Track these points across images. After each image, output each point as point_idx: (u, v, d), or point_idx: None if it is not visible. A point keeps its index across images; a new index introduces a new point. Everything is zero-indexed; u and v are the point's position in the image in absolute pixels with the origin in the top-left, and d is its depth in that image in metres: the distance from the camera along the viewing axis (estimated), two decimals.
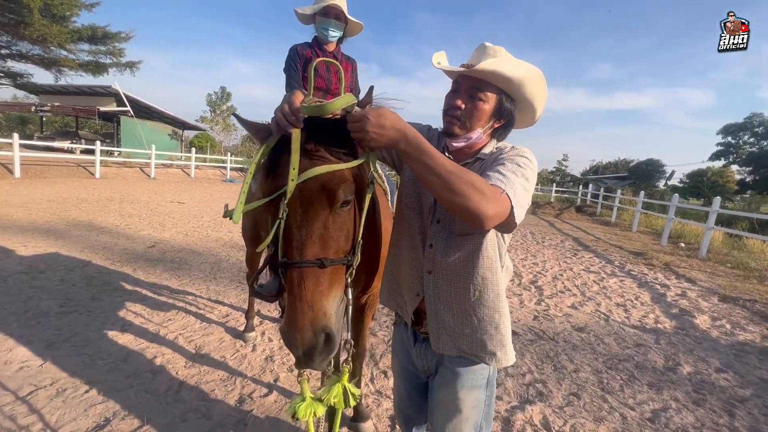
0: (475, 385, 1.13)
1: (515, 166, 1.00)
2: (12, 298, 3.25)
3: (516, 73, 1.04)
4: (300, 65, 2.31)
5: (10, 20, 14.92)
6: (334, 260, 0.94)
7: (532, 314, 3.94)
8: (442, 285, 1.12)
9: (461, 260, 1.08)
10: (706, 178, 31.18)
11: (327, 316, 0.89)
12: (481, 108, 1.08)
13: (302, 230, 0.92)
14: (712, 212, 7.86)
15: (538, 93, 1.12)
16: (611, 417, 2.31)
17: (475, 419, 1.14)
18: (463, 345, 1.12)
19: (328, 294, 0.92)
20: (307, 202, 0.92)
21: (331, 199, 0.93)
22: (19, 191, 8.94)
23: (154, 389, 2.23)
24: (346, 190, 0.95)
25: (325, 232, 0.94)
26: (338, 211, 0.96)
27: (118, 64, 19.62)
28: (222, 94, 36.44)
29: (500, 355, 1.11)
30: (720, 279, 6.01)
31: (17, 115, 34.82)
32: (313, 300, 0.88)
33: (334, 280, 0.94)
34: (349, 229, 1.00)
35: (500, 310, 1.10)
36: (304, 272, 0.90)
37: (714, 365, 3.09)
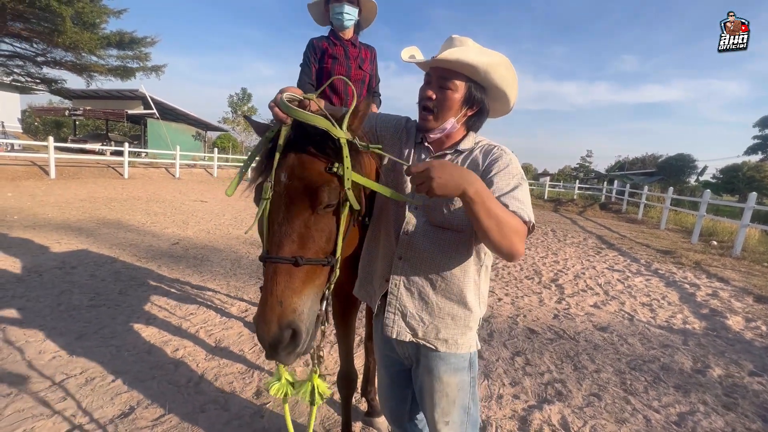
0: (458, 368, 1.15)
1: (520, 179, 1.06)
2: (47, 292, 3.43)
3: (480, 60, 1.07)
4: (315, 59, 2.29)
5: (44, 29, 15.68)
6: (311, 260, 0.93)
7: (552, 313, 3.85)
8: (410, 271, 1.14)
9: (433, 249, 1.11)
10: (741, 173, 29.59)
11: (295, 313, 0.89)
12: (450, 97, 1.11)
13: (282, 227, 0.93)
14: (747, 209, 7.46)
15: (506, 79, 1.13)
16: (634, 419, 2.23)
17: (463, 401, 1.17)
18: (417, 331, 1.14)
19: (300, 292, 0.91)
20: (290, 199, 0.94)
21: (314, 200, 0.94)
22: (54, 191, 9.40)
23: (176, 380, 2.31)
24: (331, 192, 0.95)
25: (306, 232, 0.94)
26: (321, 213, 0.96)
27: (145, 68, 20.30)
28: (243, 96, 37.27)
29: (452, 343, 1.13)
30: (756, 279, 5.70)
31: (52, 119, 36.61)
32: (283, 296, 0.88)
33: (309, 280, 0.93)
34: (331, 231, 0.99)
35: (464, 302, 1.12)
36: (278, 267, 0.90)
37: (747, 368, 2.94)
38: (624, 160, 41.36)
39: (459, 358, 1.15)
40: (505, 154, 1.11)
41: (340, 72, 2.28)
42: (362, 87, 2.39)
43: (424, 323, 1.13)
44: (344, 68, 2.28)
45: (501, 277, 5.04)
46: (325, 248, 0.98)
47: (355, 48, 2.33)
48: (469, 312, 1.13)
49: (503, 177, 1.05)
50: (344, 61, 2.28)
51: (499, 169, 1.07)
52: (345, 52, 2.28)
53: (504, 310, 3.84)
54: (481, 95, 1.15)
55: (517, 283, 4.82)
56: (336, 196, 0.96)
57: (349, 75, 2.30)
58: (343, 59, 2.28)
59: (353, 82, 2.33)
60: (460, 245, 1.10)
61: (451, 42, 1.14)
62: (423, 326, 1.13)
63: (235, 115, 37.03)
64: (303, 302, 0.92)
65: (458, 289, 1.12)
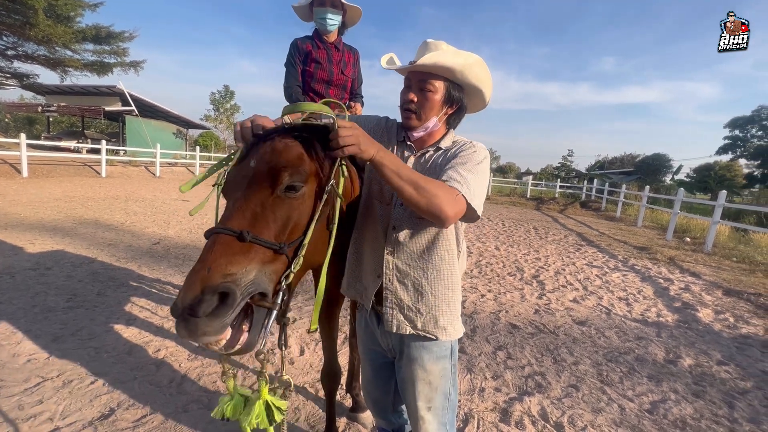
0: (441, 355, 1.22)
1: (472, 164, 1.11)
2: (20, 294, 3.31)
3: (456, 62, 1.13)
4: (300, 59, 2.30)
5: (15, 21, 15.06)
6: (259, 239, 0.86)
7: (533, 308, 3.94)
8: (401, 265, 1.18)
9: (421, 241, 1.17)
10: (713, 173, 30.77)
11: (227, 278, 0.79)
12: (431, 98, 1.17)
13: (237, 203, 0.91)
14: (717, 206, 7.78)
15: (481, 77, 1.19)
16: (609, 408, 2.32)
17: (444, 387, 1.24)
18: (417, 322, 1.18)
19: (238, 263, 0.82)
20: (252, 180, 0.93)
21: (274, 180, 0.91)
22: (27, 190, 9.06)
23: (158, 381, 2.27)
24: (294, 175, 0.93)
25: (260, 212, 0.90)
26: (281, 196, 0.92)
27: (123, 64, 19.74)
28: (226, 93, 36.57)
29: (450, 330, 1.19)
30: (725, 273, 5.96)
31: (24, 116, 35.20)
32: (215, 263, 0.80)
33: (254, 258, 0.85)
34: (290, 219, 0.94)
35: (453, 288, 1.19)
36: (218, 237, 0.85)
37: (715, 358, 3.09)
38: (604, 160, 42.46)
39: (442, 346, 1.21)
40: (476, 147, 1.18)
41: (322, 76, 2.31)
42: (343, 92, 2.43)
43: (422, 314, 1.18)
44: (326, 73, 2.31)
45: (484, 273, 5.13)
46: (280, 234, 0.92)
47: (338, 51, 2.35)
48: (459, 296, 1.22)
49: (461, 157, 1.13)
50: (327, 66, 2.31)
51: (463, 152, 1.15)
52: (328, 56, 2.30)
53: (487, 306, 3.92)
54: (459, 94, 1.21)
55: (499, 279, 4.91)
56: (301, 180, 0.94)
57: (332, 79, 2.33)
58: (326, 64, 2.30)
59: (335, 87, 2.37)
60: (442, 232, 1.16)
61: (426, 46, 1.20)
62: (421, 317, 1.18)
63: (218, 113, 36.36)
64: (240, 271, 0.82)
65: (448, 275, 1.18)
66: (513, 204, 17.48)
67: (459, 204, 1.01)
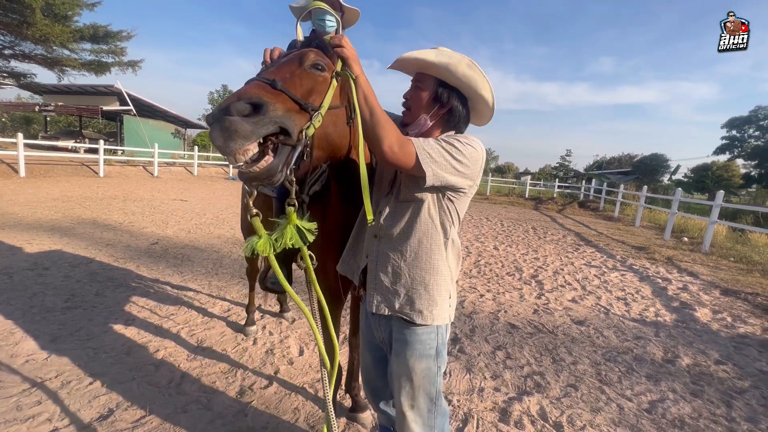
0: (424, 354, 1.23)
1: (441, 140, 1.17)
2: (18, 294, 3.30)
3: (439, 59, 1.19)
4: None
5: (12, 20, 14.98)
6: (287, 90, 0.97)
7: (531, 308, 3.95)
8: (383, 247, 1.26)
9: (401, 224, 1.23)
10: (710, 173, 30.89)
11: (260, 96, 0.89)
12: (420, 95, 1.25)
13: (271, 70, 1.06)
14: (715, 206, 7.81)
15: (471, 77, 1.21)
16: (608, 408, 2.33)
17: (428, 389, 1.25)
18: (394, 303, 1.24)
19: (269, 97, 0.91)
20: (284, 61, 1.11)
21: (302, 59, 1.10)
22: (25, 190, 9.03)
23: (157, 381, 2.27)
24: (318, 57, 1.11)
25: (290, 77, 1.03)
26: (307, 70, 1.08)
27: (120, 63, 19.64)
28: (224, 92, 36.53)
29: (426, 314, 1.21)
30: (722, 273, 5.99)
31: (21, 115, 35.06)
32: (250, 90, 0.90)
33: (282, 100, 0.95)
34: (314, 89, 1.07)
35: (432, 272, 1.22)
36: (253, 82, 0.97)
37: (713, 357, 3.10)
38: (602, 160, 42.53)
39: (425, 345, 1.23)
40: (461, 136, 1.21)
41: None
42: None
43: (399, 296, 1.23)
44: None
45: (483, 273, 5.14)
46: (305, 96, 1.04)
47: None
48: (440, 280, 1.22)
49: (444, 138, 1.19)
50: None
51: (448, 136, 1.21)
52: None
53: (486, 306, 3.92)
54: (449, 94, 1.24)
55: (498, 279, 4.92)
56: (323, 63, 1.10)
57: None
58: None
59: None
60: (422, 215, 1.21)
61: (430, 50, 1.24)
62: (398, 299, 1.23)
63: None
64: (269, 101, 0.91)
65: (427, 258, 1.21)
66: (511, 204, 17.50)
67: (404, 147, 1.08)
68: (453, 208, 1.23)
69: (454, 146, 1.15)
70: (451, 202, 1.22)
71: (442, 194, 1.21)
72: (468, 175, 1.18)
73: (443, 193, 1.21)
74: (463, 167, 1.16)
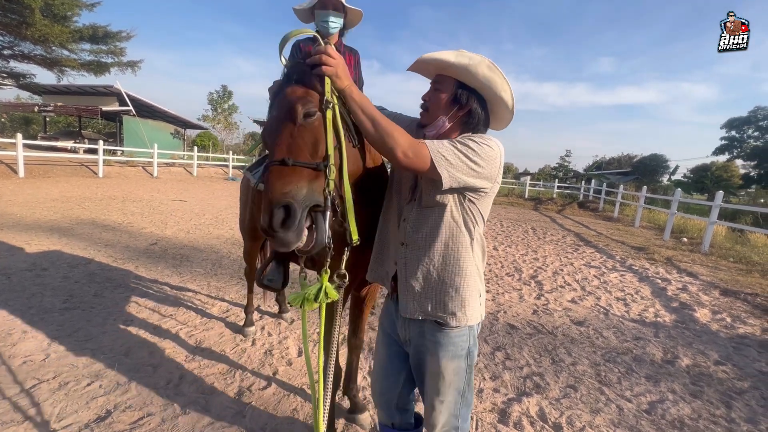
0: (456, 355, 1.25)
1: (456, 142, 1.16)
2: (16, 295, 3.29)
3: (458, 60, 1.20)
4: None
5: (11, 20, 14.96)
6: (299, 162, 1.06)
7: (531, 308, 3.95)
8: (411, 254, 1.27)
9: (426, 230, 1.24)
10: (710, 173, 30.92)
11: (286, 195, 1.01)
12: (438, 96, 1.25)
13: (275, 140, 1.11)
14: (714, 207, 7.82)
15: (491, 79, 1.20)
16: (607, 408, 2.33)
17: (458, 384, 1.28)
18: (427, 307, 1.25)
19: (290, 182, 1.03)
20: (279, 120, 1.12)
21: (293, 114, 1.09)
22: (24, 191, 9.02)
23: (155, 383, 2.26)
24: (305, 105, 1.09)
25: (293, 141, 1.09)
26: (303, 124, 1.09)
27: (120, 64, 19.61)
28: (224, 93, 36.49)
29: (460, 315, 1.23)
30: (722, 273, 5.99)
31: (21, 116, 35.01)
32: (273, 188, 1.02)
33: (300, 176, 1.05)
34: (317, 140, 1.11)
35: (461, 274, 1.22)
36: (271, 169, 1.06)
37: (713, 358, 3.10)
38: (601, 160, 42.51)
39: (457, 346, 1.25)
40: (478, 137, 1.20)
41: None
42: None
43: (431, 300, 1.24)
44: None
45: (483, 274, 5.13)
46: (313, 155, 1.10)
47: (339, 52, 2.35)
48: (469, 281, 1.23)
49: (459, 139, 1.19)
50: None
51: (464, 137, 1.21)
52: None
53: (486, 306, 3.91)
54: (468, 96, 1.24)
55: (498, 280, 4.92)
56: (312, 107, 1.10)
57: None
58: None
59: None
60: (446, 219, 1.21)
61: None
62: (431, 303, 1.24)
63: (216, 113, 36.26)
64: (294, 188, 1.03)
65: (455, 261, 1.22)
66: (511, 204, 17.51)
67: (418, 151, 1.09)
68: (475, 208, 1.23)
69: (469, 147, 1.14)
70: (473, 203, 1.22)
71: (463, 197, 1.21)
72: (485, 175, 1.17)
73: (464, 196, 1.20)
74: (479, 167, 1.15)
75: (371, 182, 1.46)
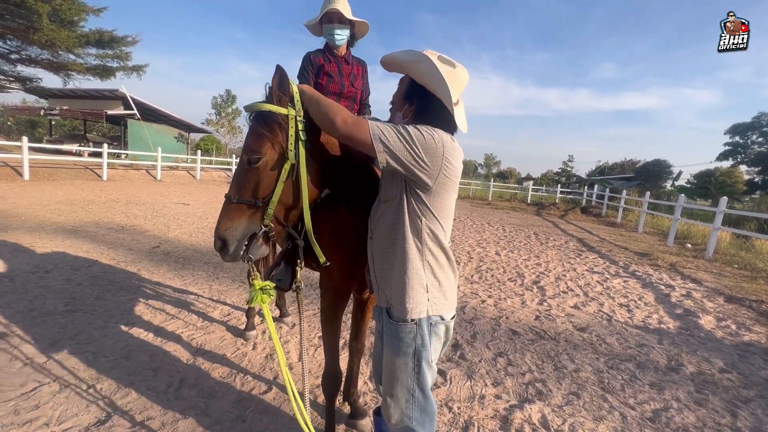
0: (401, 350, 1.28)
1: (399, 126, 1.21)
2: (19, 297, 3.30)
3: (402, 57, 1.29)
4: (312, 72, 2.37)
5: (19, 25, 15.15)
6: (241, 200, 1.31)
7: (533, 314, 3.92)
8: (374, 247, 1.37)
9: (383, 224, 1.32)
10: (714, 179, 30.78)
11: (226, 230, 1.29)
12: (397, 93, 1.38)
13: (233, 178, 1.36)
14: (718, 213, 7.77)
15: (428, 74, 1.23)
16: (611, 416, 2.30)
17: (405, 382, 1.29)
18: (384, 297, 1.34)
19: (232, 218, 1.30)
20: (239, 162, 1.36)
21: (243, 159, 1.32)
22: (28, 193, 9.08)
23: (155, 386, 2.26)
24: (251, 154, 1.29)
25: (241, 181, 1.32)
26: (249, 168, 1.31)
27: (125, 68, 19.78)
28: (227, 97, 36.73)
29: (399, 306, 1.27)
30: (726, 280, 5.94)
31: (27, 119, 35.33)
32: (220, 221, 1.31)
33: (240, 212, 1.31)
34: (259, 182, 1.31)
35: (405, 266, 1.26)
36: (224, 202, 1.33)
37: (717, 365, 3.06)
38: (604, 165, 42.48)
39: (402, 342, 1.28)
40: (422, 126, 1.22)
41: (333, 89, 2.39)
42: (353, 103, 2.53)
43: (385, 290, 1.33)
44: (338, 85, 2.40)
45: (485, 279, 5.11)
46: (254, 194, 1.31)
47: (348, 65, 2.43)
48: (413, 273, 1.26)
49: (402, 124, 1.23)
50: (338, 79, 2.39)
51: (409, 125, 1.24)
52: (339, 70, 2.39)
53: (487, 311, 3.90)
54: (414, 92, 1.29)
55: (500, 285, 4.89)
56: (256, 156, 1.29)
57: (343, 91, 2.43)
58: (337, 77, 2.39)
59: (345, 99, 2.46)
60: (397, 212, 1.27)
61: None
62: (389, 292, 1.31)
63: (220, 117, 36.46)
64: (233, 224, 1.30)
65: (401, 253, 1.27)
66: (513, 209, 17.46)
67: (357, 121, 1.21)
68: (424, 204, 1.24)
69: (409, 132, 1.18)
70: (420, 198, 1.24)
71: (410, 190, 1.25)
72: (423, 161, 1.18)
73: (411, 189, 1.24)
74: (415, 154, 1.17)
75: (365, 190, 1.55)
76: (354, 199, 1.54)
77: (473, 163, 76.81)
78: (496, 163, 79.59)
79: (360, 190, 1.55)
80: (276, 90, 1.29)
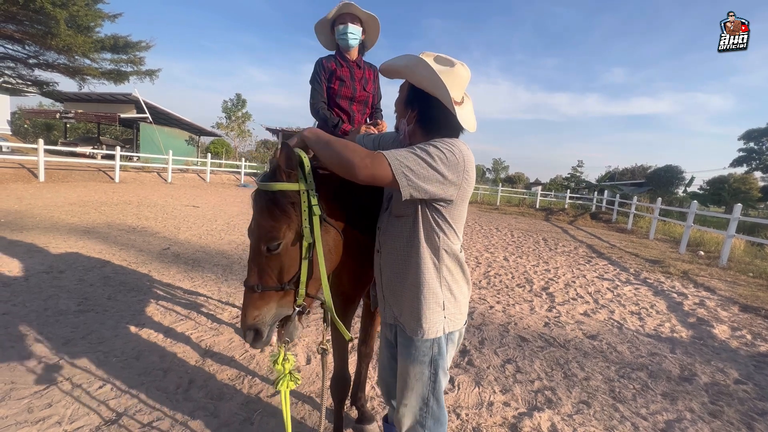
0: (418, 360, 1.26)
1: (416, 148, 1.14)
2: (33, 297, 3.37)
3: (398, 62, 1.26)
4: (325, 77, 2.39)
5: (38, 31, 15.57)
6: (266, 287, 1.22)
7: (542, 321, 3.88)
8: (383, 261, 1.33)
9: (394, 239, 1.27)
10: (727, 185, 30.23)
11: (255, 320, 1.22)
12: (398, 100, 1.33)
13: (250, 263, 1.28)
14: (733, 220, 7.63)
15: (427, 78, 1.19)
16: (622, 426, 2.26)
17: (421, 391, 1.28)
18: (395, 314, 1.31)
19: (258, 308, 1.22)
20: (253, 245, 1.27)
21: (260, 249, 1.24)
22: (43, 194, 9.27)
23: (165, 387, 2.28)
24: (269, 242, 1.21)
25: (262, 268, 1.24)
26: (268, 255, 1.22)
27: (139, 73, 20.21)
28: (237, 101, 37.23)
29: (416, 327, 1.24)
30: (741, 288, 5.81)
31: (43, 122, 36.19)
32: (246, 311, 1.23)
33: (268, 300, 1.23)
34: (282, 265, 1.23)
35: (420, 286, 1.22)
36: (246, 291, 1.24)
37: (732, 376, 2.99)
38: (614, 171, 42.01)
39: (419, 351, 1.26)
40: (440, 141, 1.15)
41: (346, 93, 2.40)
42: (365, 107, 2.55)
43: (397, 307, 1.30)
44: (350, 90, 2.42)
45: (493, 285, 5.07)
46: (280, 278, 1.24)
47: (359, 69, 2.46)
48: (429, 294, 1.22)
49: (420, 145, 1.15)
50: (350, 83, 2.41)
51: (426, 143, 1.17)
52: (351, 74, 2.41)
53: (496, 318, 3.86)
54: (414, 97, 1.25)
55: (508, 291, 4.85)
56: (276, 242, 1.21)
57: (355, 96, 2.44)
58: (349, 81, 2.41)
59: (357, 103, 2.48)
60: (412, 230, 1.22)
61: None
62: (398, 309, 1.30)
63: (230, 121, 36.92)
64: (261, 312, 1.23)
65: (415, 271, 1.22)
66: (522, 214, 17.34)
67: (375, 162, 1.09)
68: (442, 219, 1.19)
69: (428, 152, 1.11)
70: (439, 213, 1.18)
71: (429, 207, 1.18)
72: (448, 181, 1.12)
73: (430, 206, 1.18)
74: (439, 174, 1.11)
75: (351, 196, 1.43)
76: (364, 209, 1.47)
77: (481, 167, 76.43)
78: (505, 168, 79.17)
79: (367, 198, 1.48)
80: (284, 167, 1.19)
